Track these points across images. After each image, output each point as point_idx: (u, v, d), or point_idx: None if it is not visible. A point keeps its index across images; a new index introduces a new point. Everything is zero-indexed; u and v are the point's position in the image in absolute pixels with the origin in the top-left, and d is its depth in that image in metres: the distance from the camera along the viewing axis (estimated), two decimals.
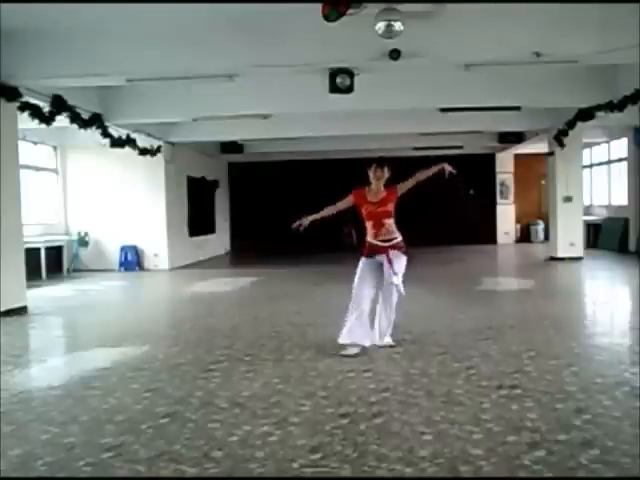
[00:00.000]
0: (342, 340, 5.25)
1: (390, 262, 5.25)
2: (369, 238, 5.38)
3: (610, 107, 9.34)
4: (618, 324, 6.95)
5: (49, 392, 4.40)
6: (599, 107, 9.68)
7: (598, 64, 8.59)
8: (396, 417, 3.66)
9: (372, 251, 5.35)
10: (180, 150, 14.03)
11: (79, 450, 3.28)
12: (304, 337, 5.86)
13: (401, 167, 5.58)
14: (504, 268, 14.00)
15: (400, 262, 5.34)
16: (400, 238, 5.39)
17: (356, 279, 5.33)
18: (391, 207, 5.35)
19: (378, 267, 5.35)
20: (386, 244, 5.31)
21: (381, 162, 5.38)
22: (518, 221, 19.34)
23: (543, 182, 16.96)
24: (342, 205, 5.47)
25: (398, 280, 5.29)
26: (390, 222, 5.35)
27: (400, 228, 5.45)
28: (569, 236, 13.14)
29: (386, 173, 5.38)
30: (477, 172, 18.99)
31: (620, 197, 15.49)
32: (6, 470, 3.06)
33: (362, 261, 5.37)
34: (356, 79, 7.58)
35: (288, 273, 12.19)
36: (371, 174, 5.36)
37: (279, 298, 8.73)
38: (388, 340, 5.48)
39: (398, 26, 6.25)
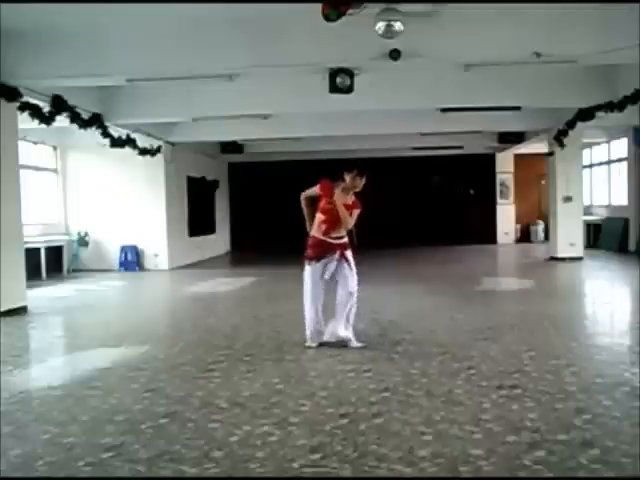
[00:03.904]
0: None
1: (346, 259, 5.43)
2: (319, 235, 5.45)
3: (610, 107, 9.34)
4: (618, 324, 6.95)
5: (49, 392, 4.40)
6: (599, 107, 9.68)
7: (598, 64, 8.60)
8: (396, 417, 3.66)
9: (324, 251, 5.43)
10: (180, 150, 14.03)
11: (79, 450, 3.28)
12: (304, 337, 5.85)
13: (401, 167, 5.59)
14: (504, 268, 14.00)
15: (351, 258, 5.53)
16: (346, 238, 5.54)
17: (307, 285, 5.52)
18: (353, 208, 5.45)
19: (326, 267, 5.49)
20: (338, 241, 5.46)
21: (362, 172, 5.39)
22: (518, 221, 19.34)
23: (543, 182, 16.96)
24: (311, 192, 5.56)
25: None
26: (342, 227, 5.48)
27: (401, 228, 5.48)
28: (569, 236, 13.14)
29: (362, 185, 5.41)
30: (477, 172, 19.04)
31: (620, 197, 15.49)
32: (6, 470, 3.06)
33: (314, 265, 5.47)
34: (356, 79, 7.57)
35: (288, 273, 12.13)
36: (348, 180, 5.38)
37: (279, 298, 8.72)
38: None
39: (398, 26, 6.25)
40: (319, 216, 5.46)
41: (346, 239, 5.53)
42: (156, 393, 4.28)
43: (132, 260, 13.38)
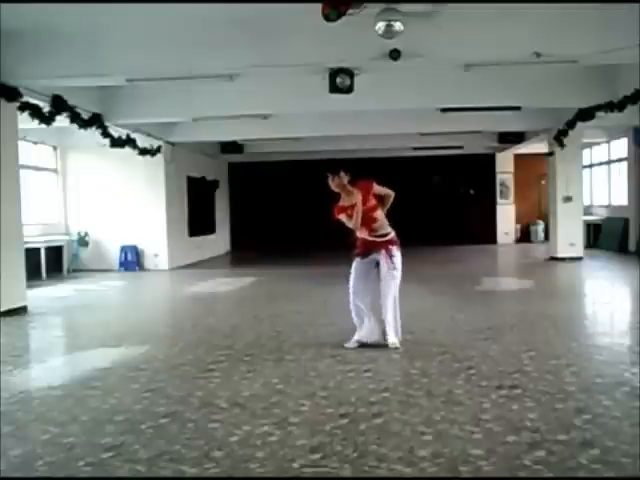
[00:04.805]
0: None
1: (391, 257, 5.30)
2: (364, 235, 5.37)
3: (610, 107, 9.34)
4: (618, 324, 6.95)
5: (49, 392, 4.40)
6: (599, 107, 9.68)
7: (598, 64, 8.60)
8: (396, 417, 3.66)
9: (369, 248, 5.37)
10: (180, 150, 14.03)
11: (79, 450, 3.28)
12: (304, 337, 5.86)
13: (401, 167, 5.58)
14: (504, 268, 14.00)
15: (399, 258, 5.39)
16: (393, 233, 5.42)
17: (351, 280, 5.42)
18: (370, 203, 5.29)
19: (373, 266, 5.41)
20: (383, 239, 5.35)
21: (334, 170, 5.36)
22: (518, 221, 19.34)
23: (543, 182, 16.96)
24: (346, 220, 5.37)
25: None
26: (377, 215, 5.35)
27: (401, 228, 5.47)
28: (569, 236, 13.14)
29: (344, 178, 5.35)
30: (477, 172, 19.04)
31: (620, 197, 15.49)
32: (6, 470, 3.06)
33: (357, 261, 5.42)
34: (356, 79, 7.57)
35: (288, 273, 12.18)
36: (332, 185, 5.37)
37: (279, 298, 8.72)
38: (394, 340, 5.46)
39: (398, 26, 6.25)
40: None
41: (391, 236, 5.39)
42: (156, 393, 4.28)
43: (132, 260, 13.37)
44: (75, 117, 9.05)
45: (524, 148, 16.86)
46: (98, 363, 5.15)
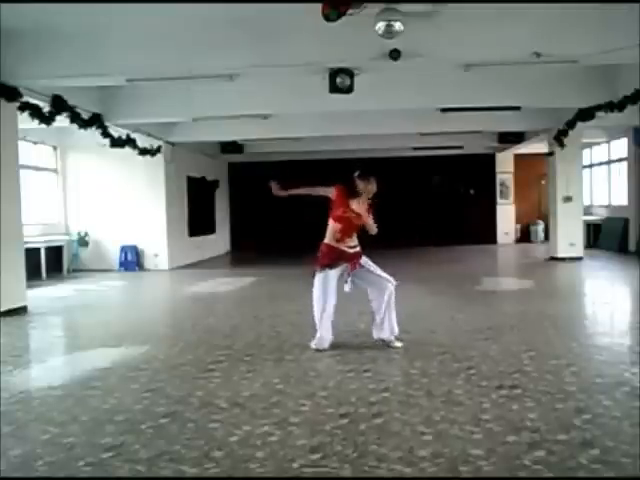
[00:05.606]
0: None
1: (359, 266, 5.34)
2: (333, 242, 5.34)
3: (610, 107, 9.35)
4: (618, 324, 6.95)
5: (49, 392, 4.40)
6: (599, 107, 9.69)
7: (598, 64, 8.60)
8: (396, 417, 3.66)
9: (337, 258, 5.34)
10: (180, 150, 14.03)
11: (79, 450, 3.28)
12: (304, 337, 5.85)
13: (401, 167, 5.58)
14: (504, 268, 14.00)
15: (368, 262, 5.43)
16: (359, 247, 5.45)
17: (318, 291, 5.37)
18: (361, 221, 5.29)
19: (340, 276, 5.41)
20: (353, 250, 5.37)
21: (374, 175, 5.34)
22: (518, 221, 19.34)
23: (543, 182, 16.96)
24: (321, 192, 5.42)
25: (382, 274, 5.39)
26: (354, 233, 5.41)
27: (400, 228, 5.47)
28: (569, 236, 13.15)
29: (375, 185, 5.34)
30: (477, 172, 19.04)
31: (620, 197, 15.50)
32: (6, 470, 3.06)
33: (326, 272, 5.33)
34: (356, 79, 7.58)
35: (288, 273, 12.17)
36: (368, 186, 5.29)
37: (279, 298, 8.72)
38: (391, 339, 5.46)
39: (398, 26, 6.25)
40: (334, 225, 5.33)
41: (359, 248, 5.42)
42: (156, 393, 4.28)
43: (132, 260, 13.38)
44: (75, 117, 9.05)
45: (524, 148, 16.86)
46: (98, 363, 5.15)
